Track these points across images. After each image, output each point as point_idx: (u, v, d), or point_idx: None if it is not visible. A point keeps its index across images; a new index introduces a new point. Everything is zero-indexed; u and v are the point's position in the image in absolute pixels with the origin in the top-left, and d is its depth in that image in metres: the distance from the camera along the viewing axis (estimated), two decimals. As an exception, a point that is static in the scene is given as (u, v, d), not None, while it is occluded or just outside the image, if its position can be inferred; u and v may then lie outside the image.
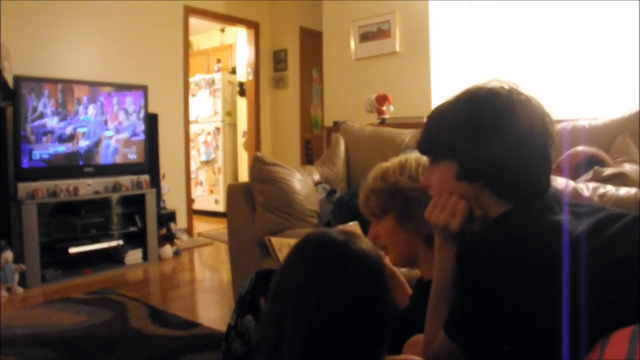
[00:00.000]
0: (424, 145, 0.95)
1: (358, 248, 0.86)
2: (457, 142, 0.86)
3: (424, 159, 1.13)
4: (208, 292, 3.16)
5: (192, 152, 5.69)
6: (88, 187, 3.50)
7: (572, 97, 3.18)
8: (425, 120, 0.97)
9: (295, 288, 0.83)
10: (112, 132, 3.69)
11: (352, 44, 4.39)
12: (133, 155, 3.81)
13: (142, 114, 3.84)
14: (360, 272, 0.84)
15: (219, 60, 6.58)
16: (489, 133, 0.83)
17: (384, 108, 3.42)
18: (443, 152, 0.89)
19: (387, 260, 1.24)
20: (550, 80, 3.28)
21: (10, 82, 3.27)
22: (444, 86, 3.84)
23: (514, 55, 3.51)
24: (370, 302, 0.83)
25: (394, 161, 1.18)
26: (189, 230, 4.77)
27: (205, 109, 6.13)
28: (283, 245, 1.48)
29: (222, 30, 6.69)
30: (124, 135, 3.76)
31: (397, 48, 4.10)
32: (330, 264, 0.84)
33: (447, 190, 0.89)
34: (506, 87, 0.87)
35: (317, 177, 2.62)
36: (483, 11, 3.73)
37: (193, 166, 5.76)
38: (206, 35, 6.85)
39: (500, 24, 3.63)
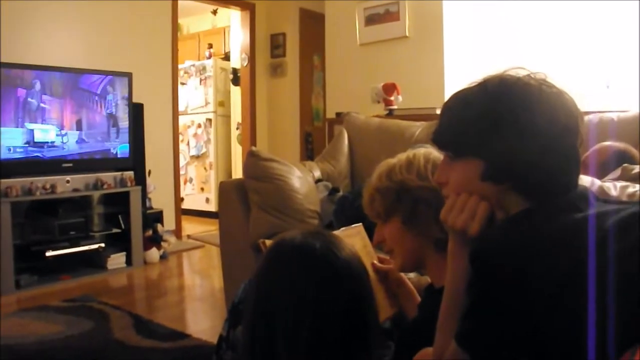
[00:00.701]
0: (443, 139, 0.93)
1: (341, 255, 0.90)
2: (485, 137, 0.85)
3: (434, 154, 1.13)
4: (198, 301, 3.16)
5: (181, 146, 5.69)
6: (67, 184, 3.50)
7: (599, 86, 3.17)
8: (440, 110, 0.95)
9: (283, 305, 0.88)
10: (93, 124, 3.70)
11: (357, 27, 4.38)
12: (115, 150, 3.82)
13: (126, 104, 3.85)
14: (348, 279, 0.89)
15: (210, 45, 6.58)
16: (523, 128, 0.82)
17: (392, 98, 3.42)
18: (467, 148, 0.88)
19: (392, 265, 1.25)
20: (575, 67, 3.27)
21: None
22: (459, 75, 3.83)
23: (536, 40, 3.50)
24: (360, 306, 0.91)
25: (401, 157, 1.18)
26: (178, 232, 4.78)
27: (195, 98, 6.13)
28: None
29: (214, 12, 6.68)
30: (106, 127, 3.76)
31: (407, 32, 4.09)
32: (318, 276, 0.89)
33: (467, 190, 0.89)
34: (535, 77, 0.87)
35: (317, 174, 2.63)
36: (502, -9, 3.72)
37: (182, 162, 5.77)
38: (196, 17, 6.84)
39: (522, 5, 3.62)
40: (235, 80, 5.99)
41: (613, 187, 1.42)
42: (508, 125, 0.83)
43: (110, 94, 3.78)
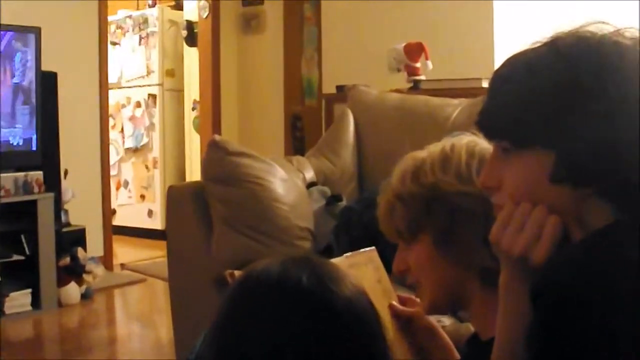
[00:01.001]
0: (495, 123, 0.94)
1: (339, 292, 0.91)
2: (558, 119, 0.85)
3: (481, 145, 1.14)
4: (137, 357, 3.16)
5: (112, 135, 5.69)
6: (-55, 190, 3.50)
7: None
8: (488, 82, 0.96)
9: (257, 341, 0.89)
10: (-16, 103, 3.70)
11: (368, -38, 4.40)
12: (17, 139, 3.81)
13: (31, 73, 3.84)
14: (347, 317, 0.89)
15: (155, -12, 6.60)
16: (613, 106, 0.82)
17: (418, 65, 3.43)
18: (531, 135, 0.87)
19: (420, 307, 1.25)
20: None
21: None
22: (515, 32, 3.85)
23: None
24: (368, 343, 0.91)
25: (433, 150, 1.18)
26: (107, 260, 4.77)
27: (133, 65, 6.14)
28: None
29: (161, -60, 6.71)
30: (11, 105, 3.75)
31: (440, -31, 4.12)
32: (305, 310, 0.89)
33: (530, 197, 0.89)
34: (627, 35, 0.86)
35: (310, 174, 2.63)
36: None
37: (113, 157, 5.76)
38: (135, -53, 6.85)
39: None
40: (191, 39, 5.98)
41: None
42: (592, 100, 0.83)
43: (18, 52, 3.76)
